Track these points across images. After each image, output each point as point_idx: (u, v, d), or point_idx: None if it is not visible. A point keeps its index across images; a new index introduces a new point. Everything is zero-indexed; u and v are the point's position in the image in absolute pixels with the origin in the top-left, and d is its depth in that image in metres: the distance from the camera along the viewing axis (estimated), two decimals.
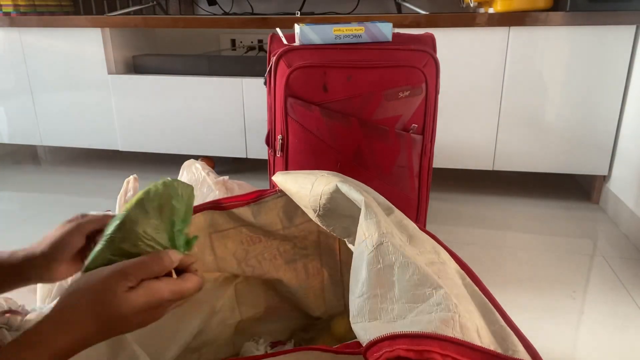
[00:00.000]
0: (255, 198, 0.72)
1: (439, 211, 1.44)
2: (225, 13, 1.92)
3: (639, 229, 1.22)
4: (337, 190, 0.56)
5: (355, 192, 0.53)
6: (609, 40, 1.30)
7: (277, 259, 0.78)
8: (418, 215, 1.07)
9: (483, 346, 0.38)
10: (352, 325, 0.43)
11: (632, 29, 1.28)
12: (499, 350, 0.40)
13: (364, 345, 0.40)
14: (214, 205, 0.70)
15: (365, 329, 0.41)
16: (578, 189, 1.60)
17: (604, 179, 1.45)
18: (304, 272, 0.80)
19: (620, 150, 1.37)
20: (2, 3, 1.66)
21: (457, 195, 1.55)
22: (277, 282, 0.79)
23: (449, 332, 0.38)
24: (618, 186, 1.37)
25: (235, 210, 0.71)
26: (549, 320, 0.94)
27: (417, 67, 0.94)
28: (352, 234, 0.59)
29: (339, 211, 0.58)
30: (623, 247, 1.21)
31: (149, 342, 0.65)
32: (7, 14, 1.65)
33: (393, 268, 0.45)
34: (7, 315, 0.63)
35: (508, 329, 0.43)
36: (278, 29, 1.08)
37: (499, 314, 0.45)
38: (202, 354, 0.76)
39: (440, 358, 0.36)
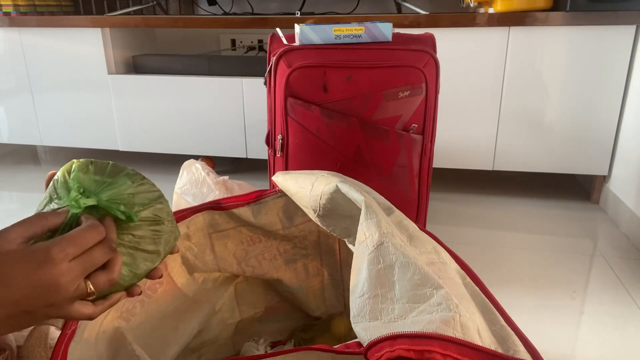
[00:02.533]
0: (255, 198, 0.72)
1: (439, 211, 1.44)
2: (225, 13, 1.92)
3: (639, 229, 1.22)
4: (337, 191, 0.56)
5: (355, 192, 0.53)
6: (609, 40, 1.30)
7: (277, 259, 0.78)
8: (418, 215, 1.07)
9: (484, 346, 0.38)
10: (353, 325, 0.43)
11: (632, 29, 1.28)
12: (499, 350, 0.39)
13: (364, 345, 0.40)
14: (214, 206, 0.70)
15: (365, 329, 0.41)
16: (578, 189, 1.60)
17: (604, 179, 1.45)
18: (304, 272, 0.80)
19: (620, 150, 1.37)
20: (2, 3, 1.66)
21: (457, 195, 1.55)
22: (277, 282, 0.79)
23: (450, 332, 0.38)
24: (618, 186, 1.37)
25: (235, 210, 0.71)
26: (549, 320, 0.94)
27: (417, 67, 0.94)
28: (352, 234, 0.59)
29: (339, 211, 0.58)
30: (623, 247, 1.21)
31: (149, 342, 0.65)
32: (7, 14, 1.65)
33: (394, 268, 0.45)
34: None
35: (508, 328, 0.43)
36: (278, 29, 1.08)
37: (500, 313, 0.45)
38: (202, 354, 0.76)
39: (441, 358, 0.36)
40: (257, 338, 0.79)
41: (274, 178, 0.71)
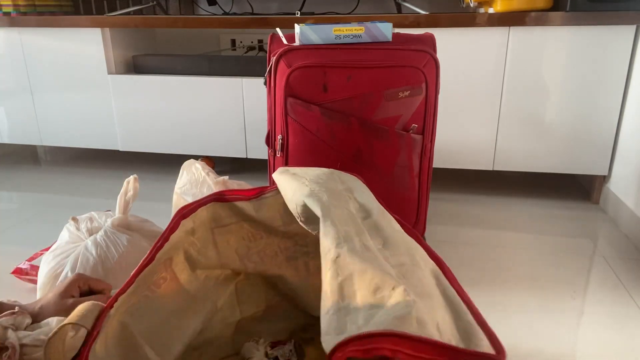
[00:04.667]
0: (256, 194, 0.73)
1: (439, 211, 1.44)
2: (225, 13, 1.92)
3: (639, 229, 1.22)
4: (305, 205, 0.57)
5: (317, 206, 0.54)
6: (609, 40, 1.30)
7: (278, 255, 0.78)
8: (418, 215, 1.07)
9: (438, 340, 0.38)
10: (323, 344, 0.43)
11: (632, 29, 1.28)
12: (461, 345, 0.40)
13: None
14: (218, 197, 0.71)
15: (330, 344, 0.41)
16: (578, 189, 1.60)
17: (604, 179, 1.45)
18: (304, 270, 0.81)
19: (620, 150, 1.37)
20: (2, 3, 1.66)
21: (457, 195, 1.55)
22: (278, 279, 0.79)
23: (405, 328, 0.38)
24: (618, 186, 1.37)
25: (237, 204, 0.72)
26: (549, 320, 0.94)
27: (417, 67, 0.94)
28: None
29: (315, 220, 0.59)
30: (623, 247, 1.21)
31: (155, 339, 0.65)
32: (7, 14, 1.65)
33: (352, 278, 0.45)
34: (14, 315, 0.63)
35: (475, 324, 0.43)
36: (278, 29, 1.08)
37: (470, 310, 0.45)
38: (202, 353, 0.76)
39: (390, 353, 0.36)
40: (257, 338, 0.80)
41: (273, 175, 0.71)
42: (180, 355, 0.69)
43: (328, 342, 0.41)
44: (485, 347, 0.40)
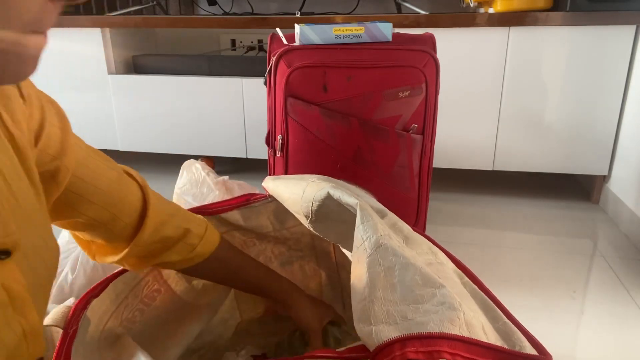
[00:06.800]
0: (244, 202, 0.71)
1: (439, 211, 1.44)
2: (225, 13, 1.92)
3: (639, 229, 1.22)
4: (328, 197, 0.55)
5: (348, 196, 0.52)
6: (609, 40, 1.30)
7: (272, 261, 0.77)
8: (418, 215, 1.07)
9: (489, 342, 0.38)
10: (357, 330, 0.43)
11: (632, 29, 1.28)
12: (505, 347, 0.39)
13: (371, 349, 0.40)
14: (202, 211, 0.68)
15: (371, 333, 0.41)
16: (578, 189, 1.60)
17: (604, 179, 1.45)
18: (300, 274, 0.80)
19: (620, 150, 1.37)
20: None
21: (457, 195, 1.55)
22: None
23: (456, 331, 0.38)
24: (618, 186, 1.37)
25: (223, 215, 0.70)
26: (549, 320, 0.94)
27: (417, 67, 0.94)
28: (345, 239, 0.59)
29: (331, 217, 0.57)
30: (623, 247, 1.21)
31: (151, 343, 0.65)
32: None
33: (394, 270, 0.44)
34: None
35: (512, 325, 0.42)
36: (278, 29, 1.08)
37: (501, 311, 0.45)
38: (202, 355, 0.76)
39: (450, 357, 0.36)
40: (238, 349, 0.78)
41: (264, 184, 0.70)
42: (179, 358, 0.69)
43: (370, 331, 0.40)
44: (528, 348, 0.40)
